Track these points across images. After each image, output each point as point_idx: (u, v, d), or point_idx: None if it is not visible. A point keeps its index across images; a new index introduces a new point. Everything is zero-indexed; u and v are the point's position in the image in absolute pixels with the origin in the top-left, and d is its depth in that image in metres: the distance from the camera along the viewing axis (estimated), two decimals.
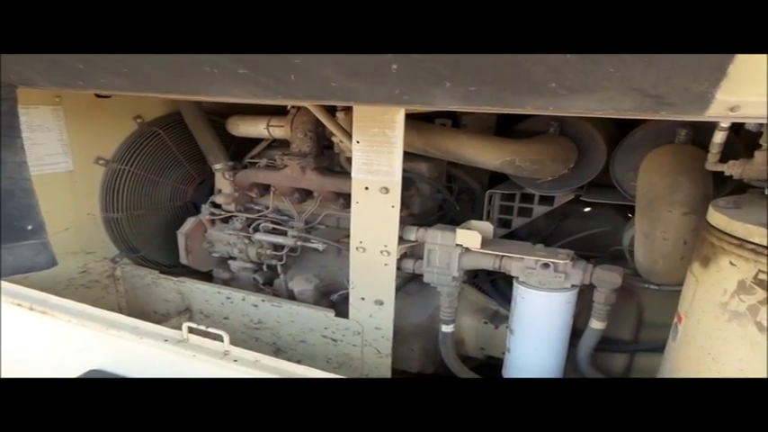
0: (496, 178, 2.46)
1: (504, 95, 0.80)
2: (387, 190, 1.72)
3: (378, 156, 1.72)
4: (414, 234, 1.80)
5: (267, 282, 2.38)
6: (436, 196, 2.25)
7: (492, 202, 2.26)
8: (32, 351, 1.74)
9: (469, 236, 1.66)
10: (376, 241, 1.79)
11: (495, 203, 2.27)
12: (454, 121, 2.34)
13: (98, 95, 2.26)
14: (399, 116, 1.64)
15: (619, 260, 2.05)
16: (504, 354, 1.98)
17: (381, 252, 1.79)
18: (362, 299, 1.88)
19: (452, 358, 1.87)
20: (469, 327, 2.00)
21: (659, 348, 1.79)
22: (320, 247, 2.08)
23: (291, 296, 2.27)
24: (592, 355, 1.71)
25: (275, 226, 2.30)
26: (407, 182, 2.04)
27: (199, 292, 2.21)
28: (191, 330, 1.54)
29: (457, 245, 1.70)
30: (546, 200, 2.18)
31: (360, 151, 1.74)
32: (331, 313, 1.96)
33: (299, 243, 2.14)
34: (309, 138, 2.12)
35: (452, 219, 2.35)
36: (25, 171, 1.47)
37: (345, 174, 2.15)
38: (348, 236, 2.17)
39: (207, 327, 1.49)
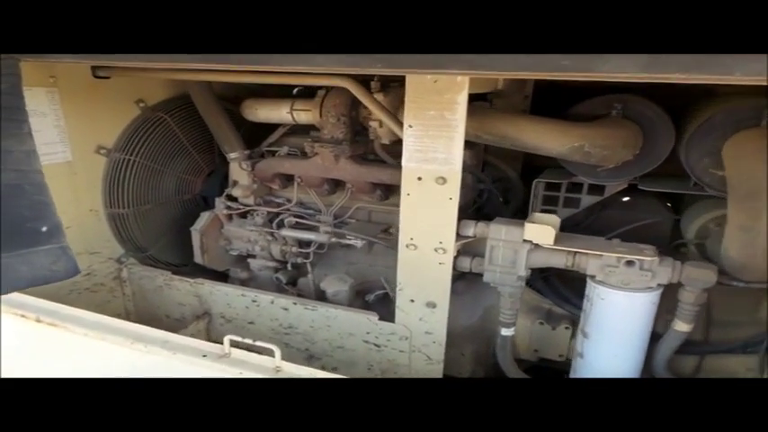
0: (530, 167, 2.31)
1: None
2: (444, 180, 1.54)
3: (434, 142, 1.53)
4: (472, 229, 1.62)
5: (290, 281, 2.18)
6: (477, 186, 2.07)
7: (535, 192, 2.09)
8: (41, 370, 1.51)
9: (541, 231, 1.49)
10: (430, 238, 1.61)
11: (539, 194, 2.10)
12: None
13: (96, 76, 2.01)
14: (462, 96, 1.46)
15: (680, 254, 1.92)
16: (560, 357, 1.85)
17: (436, 250, 1.61)
18: (412, 301, 1.70)
19: (510, 363, 1.71)
20: (522, 327, 1.84)
21: (734, 350, 1.67)
22: (358, 243, 1.89)
23: (320, 297, 2.08)
24: (669, 360, 1.57)
25: (300, 220, 2.10)
26: None
27: (220, 294, 2.00)
28: (233, 344, 1.34)
29: (524, 241, 1.52)
30: (595, 189, 2.02)
31: (413, 137, 1.55)
32: (374, 317, 1.77)
33: (332, 239, 1.94)
34: (343, 123, 1.91)
35: (486, 213, 2.18)
36: (35, 162, 1.24)
37: (382, 162, 1.96)
38: (386, 230, 1.99)
39: (230, 334, 1.32)
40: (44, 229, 1.19)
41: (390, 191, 2.01)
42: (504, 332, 1.66)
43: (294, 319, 1.89)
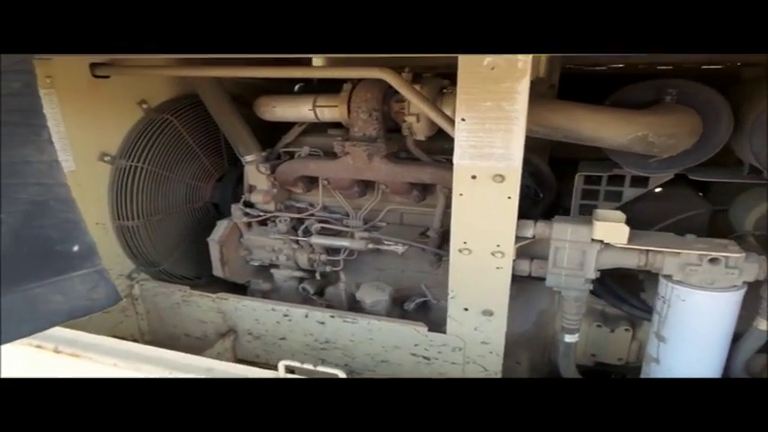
0: (554, 160, 2.20)
1: None
2: (502, 178, 1.42)
3: (490, 136, 1.40)
4: (531, 229, 1.49)
5: (317, 291, 2.03)
6: None
7: (577, 186, 1.97)
8: None
9: (614, 229, 1.37)
10: (486, 241, 1.48)
11: (578, 188, 1.99)
12: None
13: (95, 75, 1.84)
14: (522, 84, 1.34)
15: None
16: (620, 360, 1.75)
17: (493, 254, 1.48)
18: (465, 309, 1.57)
19: (573, 372, 1.60)
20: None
21: None
22: (399, 249, 1.74)
23: (351, 306, 1.93)
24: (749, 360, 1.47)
25: (326, 226, 1.94)
26: None
27: (246, 310, 1.83)
28: (289, 370, 1.19)
29: (593, 240, 1.41)
30: (638, 181, 1.92)
31: (466, 131, 1.41)
32: (423, 328, 1.64)
33: (369, 246, 1.79)
34: (375, 118, 1.76)
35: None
36: (58, 173, 1.07)
37: (418, 160, 1.82)
38: (423, 233, 1.86)
39: (259, 351, 1.18)
40: (76, 250, 1.02)
41: (427, 191, 1.87)
42: (568, 339, 1.54)
43: (331, 333, 1.74)
